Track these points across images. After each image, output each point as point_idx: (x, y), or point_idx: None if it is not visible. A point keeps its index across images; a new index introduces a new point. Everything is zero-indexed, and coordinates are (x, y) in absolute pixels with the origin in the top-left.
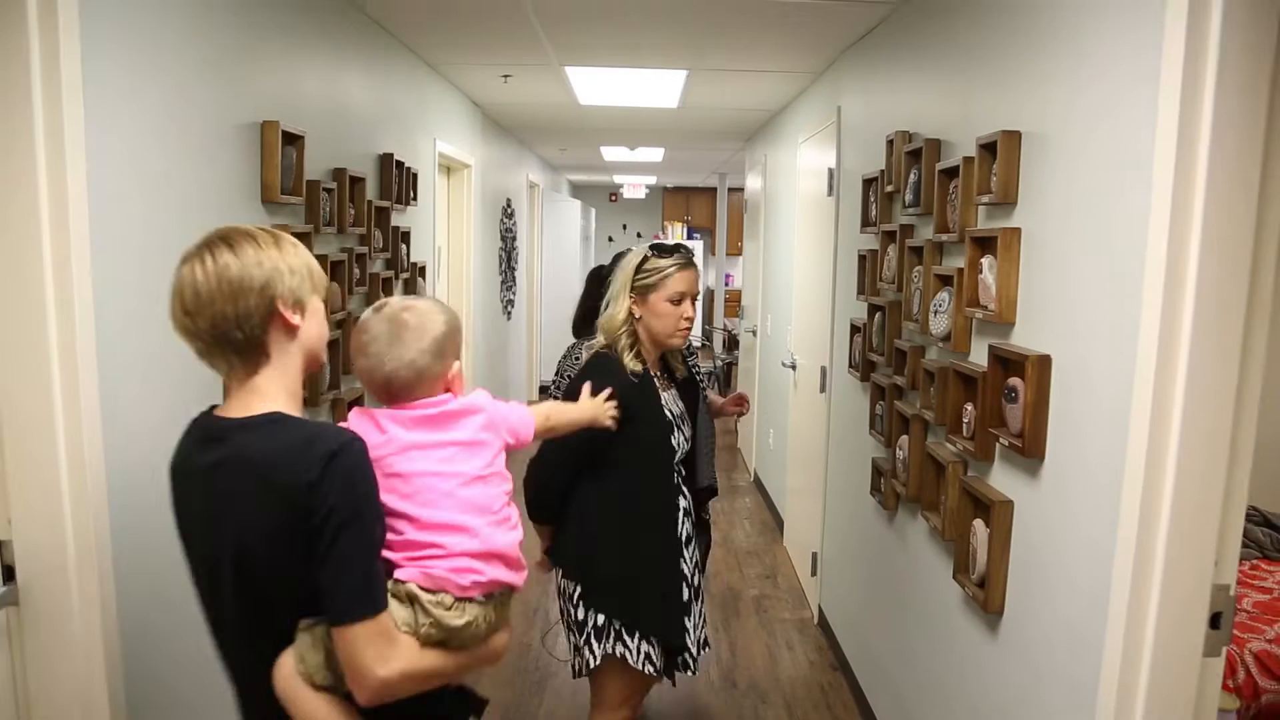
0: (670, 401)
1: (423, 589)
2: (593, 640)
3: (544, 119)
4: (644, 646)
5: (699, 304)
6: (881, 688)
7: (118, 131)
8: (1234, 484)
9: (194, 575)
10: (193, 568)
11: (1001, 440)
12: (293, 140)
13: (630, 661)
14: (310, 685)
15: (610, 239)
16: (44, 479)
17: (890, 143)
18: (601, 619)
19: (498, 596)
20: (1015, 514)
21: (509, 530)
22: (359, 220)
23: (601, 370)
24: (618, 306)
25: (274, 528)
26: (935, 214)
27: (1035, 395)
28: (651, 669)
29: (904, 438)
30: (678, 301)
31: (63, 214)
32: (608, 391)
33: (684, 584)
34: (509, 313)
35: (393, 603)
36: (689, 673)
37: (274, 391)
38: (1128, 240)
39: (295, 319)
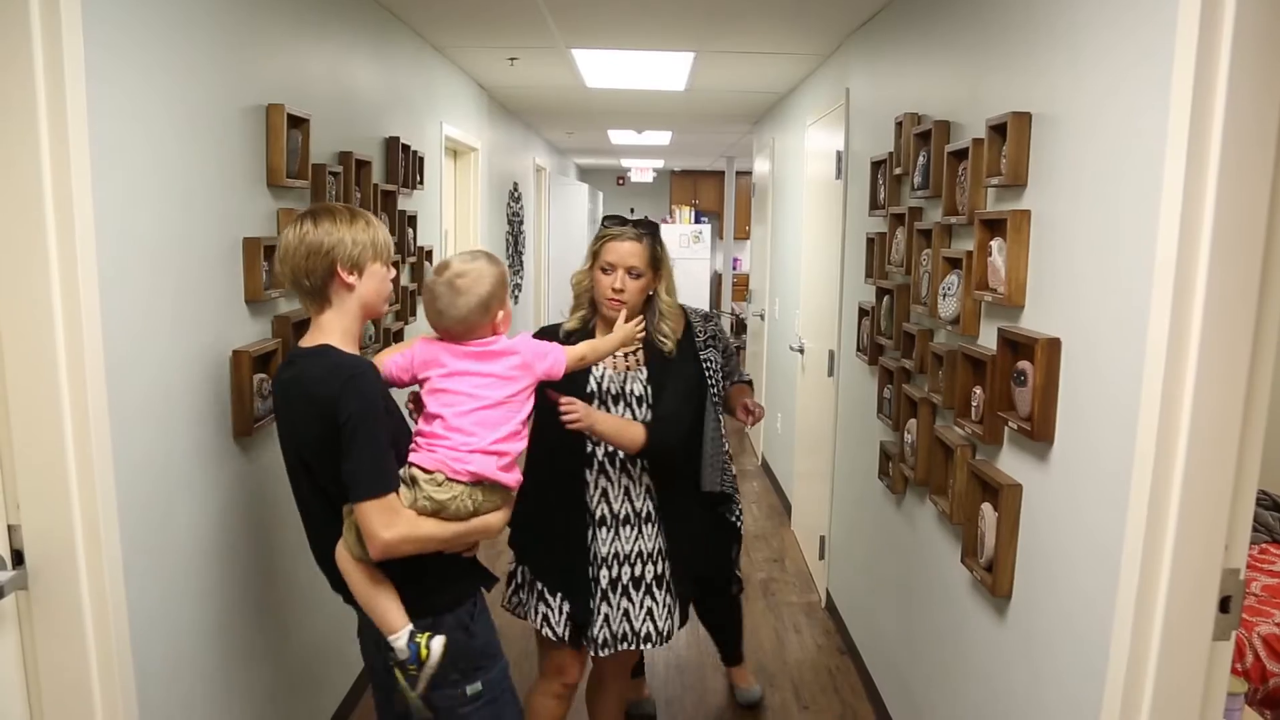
0: (614, 377)
1: (424, 470)
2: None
3: (551, 102)
4: (524, 595)
5: (707, 285)
6: (889, 671)
7: (121, 115)
8: (1245, 467)
9: (288, 474)
10: (286, 468)
11: (1010, 424)
12: (298, 123)
13: (521, 594)
14: (354, 558)
15: None
16: (52, 464)
17: (899, 125)
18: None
19: (487, 485)
20: (1024, 497)
21: (511, 443)
22: (365, 204)
23: (542, 331)
24: (583, 269)
25: (317, 434)
26: (944, 196)
27: (1045, 378)
28: (516, 599)
29: (912, 421)
30: (606, 271)
31: (66, 198)
32: (639, 319)
33: (589, 563)
34: (516, 296)
35: (401, 489)
36: (591, 651)
37: (332, 329)
38: (1139, 221)
39: (351, 278)
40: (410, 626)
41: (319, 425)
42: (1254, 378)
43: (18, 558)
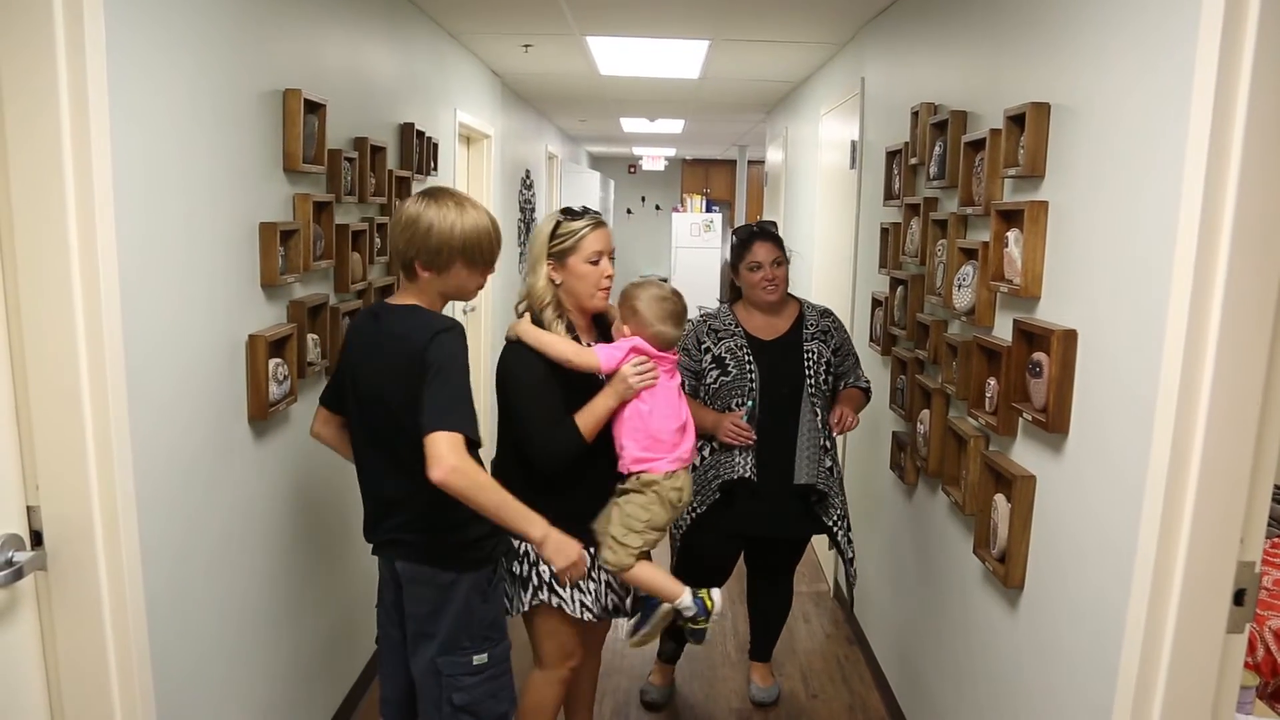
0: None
1: (662, 472)
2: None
3: (564, 89)
4: (552, 590)
5: (717, 274)
6: (898, 661)
7: (142, 100)
8: (1261, 460)
9: (351, 401)
10: (352, 395)
11: (1025, 415)
12: (314, 109)
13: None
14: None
15: (629, 211)
16: (71, 446)
17: (915, 115)
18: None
19: None
20: (1037, 489)
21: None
22: (380, 190)
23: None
24: (536, 275)
25: (403, 375)
26: (960, 187)
27: (1060, 370)
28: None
29: (925, 412)
30: (596, 261)
31: (87, 181)
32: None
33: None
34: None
35: (635, 498)
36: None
37: (417, 298)
38: (1159, 213)
39: (425, 275)
40: (688, 589)
41: (405, 371)
42: (1272, 371)
43: (36, 538)
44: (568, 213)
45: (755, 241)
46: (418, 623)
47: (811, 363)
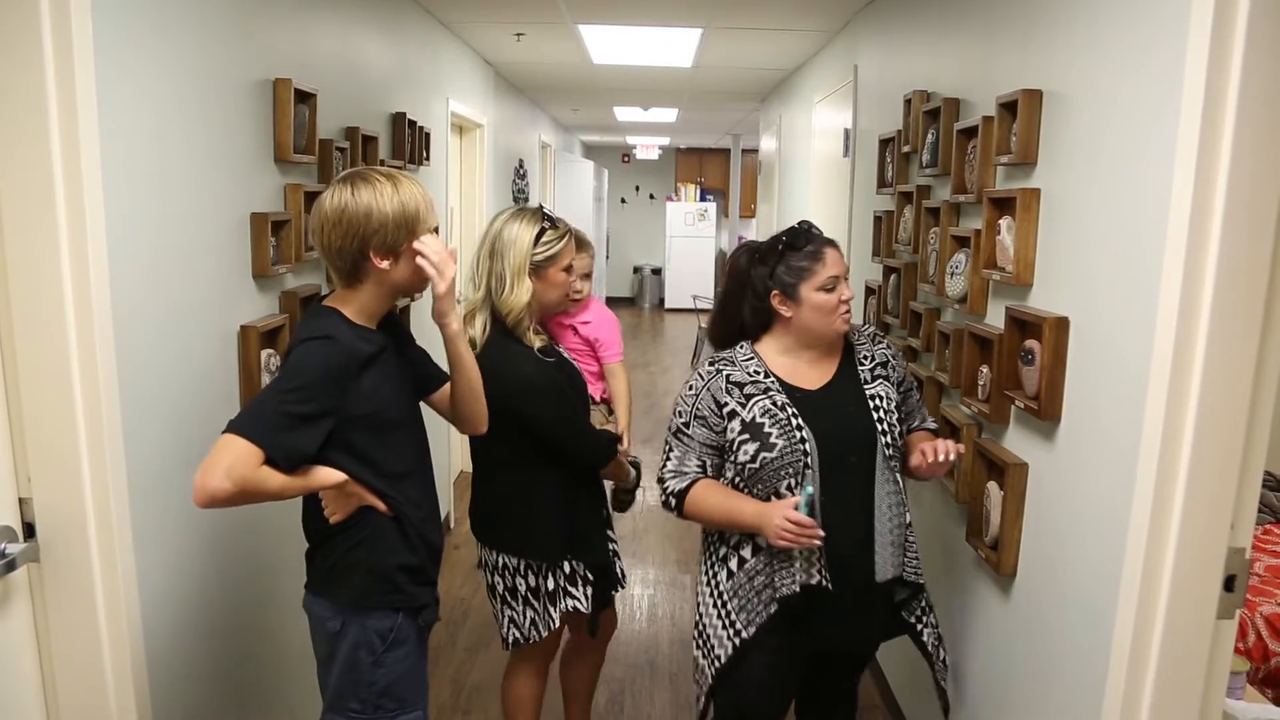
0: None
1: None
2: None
3: (557, 78)
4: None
5: (711, 264)
6: (891, 648)
7: (130, 89)
8: (1252, 447)
9: None
10: None
11: (1017, 403)
12: (305, 98)
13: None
14: None
15: (623, 201)
16: (62, 438)
17: (908, 102)
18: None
19: None
20: (1030, 476)
21: None
22: None
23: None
24: (520, 289)
25: None
26: (953, 175)
27: (1052, 358)
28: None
29: None
30: (569, 268)
31: (76, 172)
32: None
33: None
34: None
35: None
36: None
37: (350, 302)
38: (1150, 201)
39: (384, 265)
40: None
41: None
42: (1263, 358)
43: (29, 530)
44: (549, 220)
45: (827, 248)
46: (319, 668)
47: (883, 412)
